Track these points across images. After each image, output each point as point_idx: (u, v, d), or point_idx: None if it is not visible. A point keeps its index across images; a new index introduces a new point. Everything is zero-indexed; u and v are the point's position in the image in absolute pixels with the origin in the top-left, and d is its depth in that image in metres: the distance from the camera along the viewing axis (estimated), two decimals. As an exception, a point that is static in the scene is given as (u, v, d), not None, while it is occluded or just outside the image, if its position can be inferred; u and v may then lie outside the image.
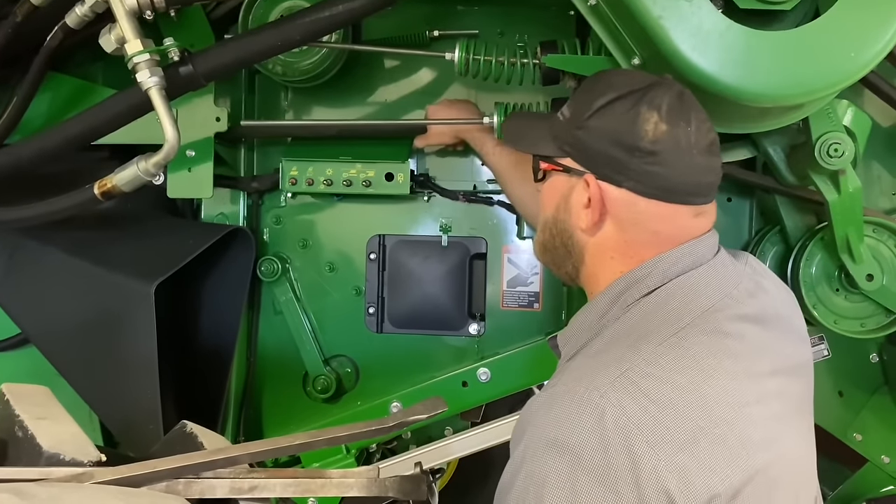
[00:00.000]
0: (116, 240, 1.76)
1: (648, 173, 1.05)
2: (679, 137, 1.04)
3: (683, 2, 1.14)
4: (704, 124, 1.07)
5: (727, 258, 1.14)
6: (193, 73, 1.42)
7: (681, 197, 1.07)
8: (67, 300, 1.71)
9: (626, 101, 1.06)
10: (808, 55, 1.13)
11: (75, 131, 1.45)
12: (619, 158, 1.06)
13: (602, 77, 1.16)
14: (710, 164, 1.07)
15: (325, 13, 1.41)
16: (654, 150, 1.04)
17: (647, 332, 1.02)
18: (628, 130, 1.04)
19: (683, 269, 1.07)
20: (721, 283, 1.09)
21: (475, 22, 1.84)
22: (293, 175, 1.76)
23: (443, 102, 1.76)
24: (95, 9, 1.40)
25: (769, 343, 1.09)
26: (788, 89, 1.14)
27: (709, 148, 1.07)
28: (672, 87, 1.08)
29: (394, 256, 1.89)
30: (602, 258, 1.13)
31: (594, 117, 1.08)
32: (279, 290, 1.89)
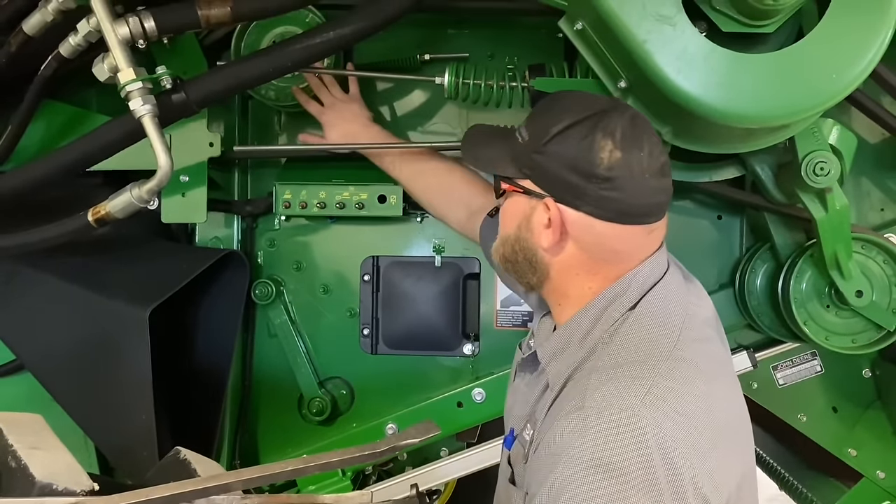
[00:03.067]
0: (111, 265, 1.77)
1: (605, 198, 1.08)
2: (633, 163, 1.07)
3: (667, 26, 1.16)
4: (657, 148, 1.10)
5: (673, 266, 1.20)
6: (186, 101, 1.43)
7: (636, 219, 1.11)
8: (62, 326, 1.71)
9: (582, 128, 1.09)
10: (790, 77, 1.15)
11: (70, 158, 1.46)
12: (577, 184, 1.09)
13: (557, 100, 1.18)
14: (661, 186, 1.11)
15: (316, 40, 1.44)
16: (610, 177, 1.07)
17: (651, 347, 1.07)
18: (584, 157, 1.08)
19: (654, 280, 1.14)
20: (681, 290, 1.17)
21: (465, 45, 1.86)
22: (286, 198, 1.77)
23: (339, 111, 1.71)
24: (89, 38, 1.41)
25: (724, 341, 1.22)
26: (772, 111, 1.16)
27: (661, 170, 1.10)
28: (625, 113, 1.11)
29: (388, 278, 1.90)
30: (568, 275, 1.17)
31: (552, 143, 1.11)
32: (273, 313, 1.90)
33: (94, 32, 1.39)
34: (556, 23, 1.39)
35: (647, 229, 1.13)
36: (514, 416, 1.29)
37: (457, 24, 1.87)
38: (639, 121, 1.11)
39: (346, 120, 1.70)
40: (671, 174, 1.13)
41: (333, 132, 1.70)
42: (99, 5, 1.35)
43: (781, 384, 1.84)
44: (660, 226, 1.15)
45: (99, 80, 1.40)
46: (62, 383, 1.72)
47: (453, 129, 1.88)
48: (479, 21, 1.86)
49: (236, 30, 1.70)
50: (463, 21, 1.87)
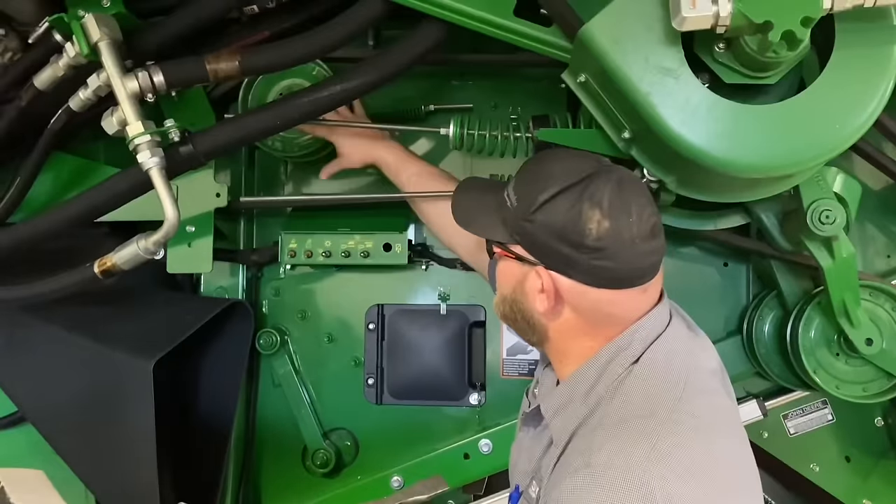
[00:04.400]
0: (115, 315, 1.76)
1: (596, 267, 1.08)
2: (622, 231, 1.07)
3: (670, 79, 1.17)
4: (646, 210, 1.09)
5: (676, 317, 1.20)
6: (193, 153, 1.44)
7: (628, 283, 1.11)
8: (65, 377, 1.70)
9: (569, 197, 1.09)
10: (794, 128, 1.15)
11: (78, 210, 1.47)
12: (567, 254, 1.09)
13: (542, 165, 1.18)
14: (652, 248, 1.10)
15: (324, 93, 1.45)
16: (600, 247, 1.07)
17: (656, 402, 1.06)
18: (573, 228, 1.08)
19: (657, 333, 1.13)
20: (686, 342, 1.16)
21: (469, 96, 1.88)
22: (292, 248, 1.78)
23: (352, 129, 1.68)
24: (98, 92, 1.43)
25: (730, 392, 1.19)
26: (776, 161, 1.16)
27: (651, 232, 1.10)
28: (610, 178, 1.10)
29: (392, 326, 1.89)
30: (567, 337, 1.17)
31: (539, 212, 1.11)
32: (278, 363, 1.89)
33: (103, 87, 1.41)
34: (558, 74, 1.41)
35: (640, 290, 1.12)
36: (519, 472, 1.27)
37: (460, 75, 1.90)
38: (626, 184, 1.10)
39: (357, 132, 1.67)
40: (663, 232, 1.13)
41: (347, 146, 1.66)
42: (109, 61, 1.37)
43: (792, 433, 1.81)
44: (655, 282, 1.14)
45: (108, 133, 1.42)
46: (63, 435, 1.70)
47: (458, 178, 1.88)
48: (482, 73, 1.88)
49: (244, 83, 1.72)
50: (466, 73, 1.89)
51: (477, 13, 1.40)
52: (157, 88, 1.40)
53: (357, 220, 1.81)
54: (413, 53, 1.48)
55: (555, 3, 1.31)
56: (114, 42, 1.39)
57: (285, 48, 1.46)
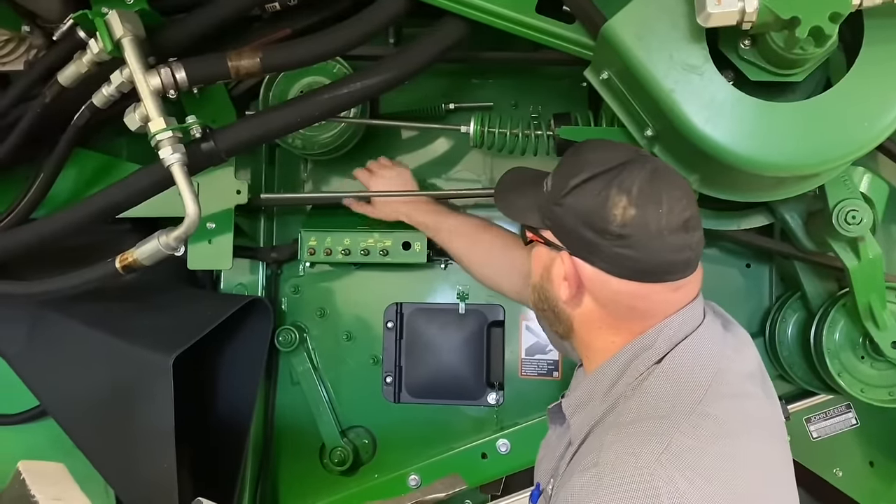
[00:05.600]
0: (135, 311, 1.77)
1: (619, 255, 1.05)
2: (649, 221, 1.04)
3: (694, 76, 1.16)
4: (679, 203, 1.06)
5: (711, 316, 1.15)
6: (215, 149, 1.45)
7: (655, 276, 1.07)
8: (85, 372, 1.71)
9: (599, 182, 1.06)
10: (820, 126, 1.14)
11: (100, 206, 1.47)
12: (591, 240, 1.07)
13: (581, 151, 1.16)
14: (684, 242, 1.06)
15: (343, 90, 1.46)
16: (624, 234, 1.04)
17: (674, 403, 1.02)
18: (598, 213, 1.05)
19: (686, 333, 1.09)
20: (717, 344, 1.11)
21: (490, 94, 1.88)
22: (311, 245, 1.78)
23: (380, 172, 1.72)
24: (121, 89, 1.44)
25: (768, 398, 1.13)
26: (802, 160, 1.15)
27: (684, 226, 1.05)
28: (644, 166, 1.07)
29: (411, 325, 1.89)
30: (590, 329, 1.15)
31: (569, 195, 1.09)
32: (297, 360, 1.89)
33: (126, 83, 1.42)
34: (579, 73, 1.40)
35: (671, 287, 1.08)
36: (542, 470, 1.25)
37: (481, 73, 1.89)
38: (660, 174, 1.07)
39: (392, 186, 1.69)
40: (700, 228, 1.10)
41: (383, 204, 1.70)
42: (132, 57, 1.38)
43: (815, 437, 1.78)
44: (690, 281, 1.10)
45: (130, 129, 1.43)
46: (84, 430, 1.71)
47: (478, 177, 1.89)
48: (502, 71, 1.88)
49: (265, 80, 1.73)
50: (487, 71, 1.89)
51: (499, 10, 1.40)
52: (179, 85, 1.41)
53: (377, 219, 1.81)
54: (434, 51, 1.47)
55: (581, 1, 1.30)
56: (137, 38, 1.39)
57: (306, 45, 1.47)
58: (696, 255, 1.09)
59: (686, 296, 1.11)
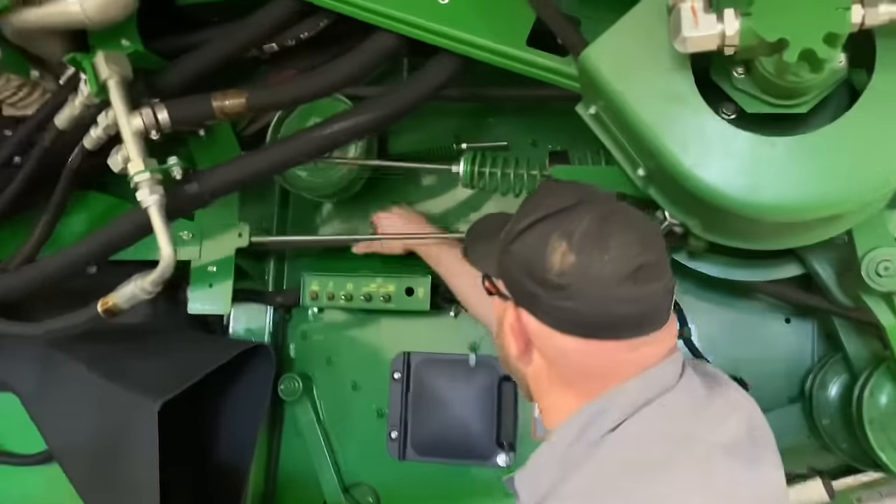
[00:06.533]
0: (136, 355, 1.75)
1: (559, 308, 0.93)
2: (590, 269, 0.91)
3: (679, 107, 1.03)
4: (630, 249, 0.92)
5: (690, 380, 1.00)
6: (199, 192, 1.42)
7: (601, 333, 0.93)
8: (83, 414, 1.69)
9: (545, 225, 0.95)
10: (825, 162, 0.98)
11: (84, 251, 1.47)
12: (532, 290, 0.95)
13: (540, 191, 1.06)
14: (635, 295, 0.92)
15: (332, 129, 1.40)
16: (562, 284, 0.92)
17: (619, 479, 0.89)
18: (538, 261, 0.93)
19: (647, 399, 0.95)
20: (688, 412, 0.96)
21: (506, 133, 1.78)
22: (314, 290, 1.72)
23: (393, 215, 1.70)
24: (108, 131, 1.43)
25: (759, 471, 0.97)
26: (804, 202, 0.99)
27: (633, 276, 0.91)
28: (595, 208, 0.95)
29: (419, 376, 1.78)
30: (542, 389, 1.03)
31: (516, 241, 0.98)
32: (300, 410, 1.82)
33: (112, 125, 1.41)
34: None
35: (625, 346, 0.94)
36: None
37: (497, 112, 1.80)
38: (613, 217, 0.94)
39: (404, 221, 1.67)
40: (663, 278, 0.95)
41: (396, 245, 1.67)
42: (116, 98, 1.37)
43: (868, 520, 1.56)
44: (653, 341, 0.96)
45: (114, 171, 1.41)
46: (80, 474, 1.68)
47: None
48: (519, 109, 1.78)
49: (273, 121, 1.70)
50: (503, 109, 1.80)
51: (489, 44, 1.32)
52: (161, 126, 1.39)
53: (382, 264, 1.74)
54: (426, 88, 1.40)
55: (563, 28, 1.20)
56: (123, 80, 1.38)
57: (293, 85, 1.43)
58: (654, 310, 0.95)
59: (648, 356, 0.97)
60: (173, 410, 1.51)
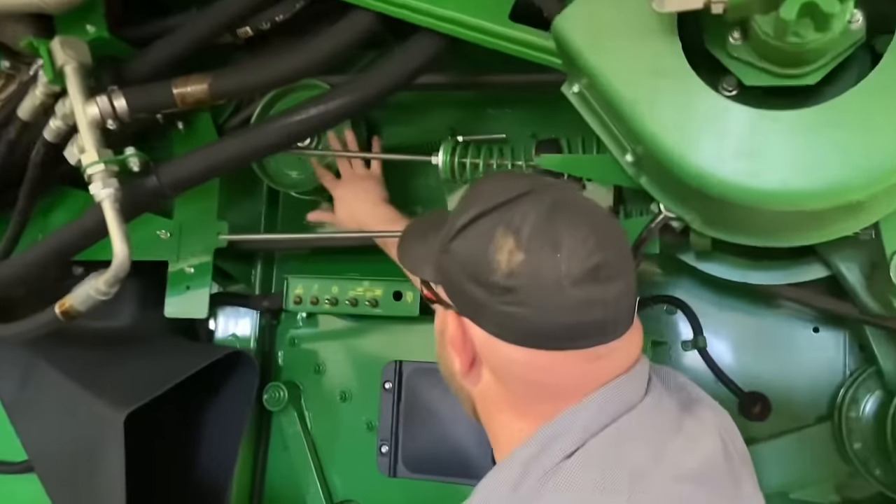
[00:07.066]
0: (116, 360, 1.66)
1: (506, 315, 0.80)
2: (541, 268, 0.78)
3: (665, 80, 0.89)
4: (584, 245, 0.79)
5: (659, 395, 0.86)
6: (158, 185, 1.32)
7: (555, 342, 0.80)
8: (58, 423, 1.62)
9: (487, 221, 0.82)
10: (839, 139, 0.83)
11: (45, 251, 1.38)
12: (476, 295, 0.82)
13: (479, 184, 0.92)
14: (593, 297, 0.78)
15: (296, 118, 1.29)
16: (510, 287, 0.78)
17: None
18: (481, 261, 0.81)
19: (605, 421, 0.81)
20: (655, 434, 0.82)
21: (506, 126, 1.63)
22: (298, 293, 1.61)
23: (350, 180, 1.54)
24: (66, 121, 1.34)
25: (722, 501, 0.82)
26: (812, 188, 0.83)
27: (591, 275, 0.78)
28: (543, 199, 0.82)
29: (411, 386, 1.65)
30: (491, 411, 0.90)
31: (457, 239, 0.85)
32: (286, 421, 1.70)
33: (69, 114, 1.32)
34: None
35: (584, 356, 0.81)
36: None
37: (497, 103, 1.66)
38: (563, 208, 0.82)
39: (357, 197, 1.52)
40: (624, 278, 0.82)
41: (341, 208, 1.54)
42: (73, 86, 1.29)
43: (909, 557, 1.37)
44: (615, 349, 0.82)
45: (70, 163, 1.32)
46: (55, 486, 1.60)
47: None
48: (520, 99, 1.64)
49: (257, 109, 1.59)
50: (503, 100, 1.66)
51: (469, 20, 1.19)
52: (118, 114, 1.29)
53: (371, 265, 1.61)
54: (403, 69, 1.28)
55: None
56: (81, 67, 1.30)
57: (260, 68, 1.32)
58: (615, 315, 0.81)
59: (610, 368, 0.83)
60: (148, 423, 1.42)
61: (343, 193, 1.53)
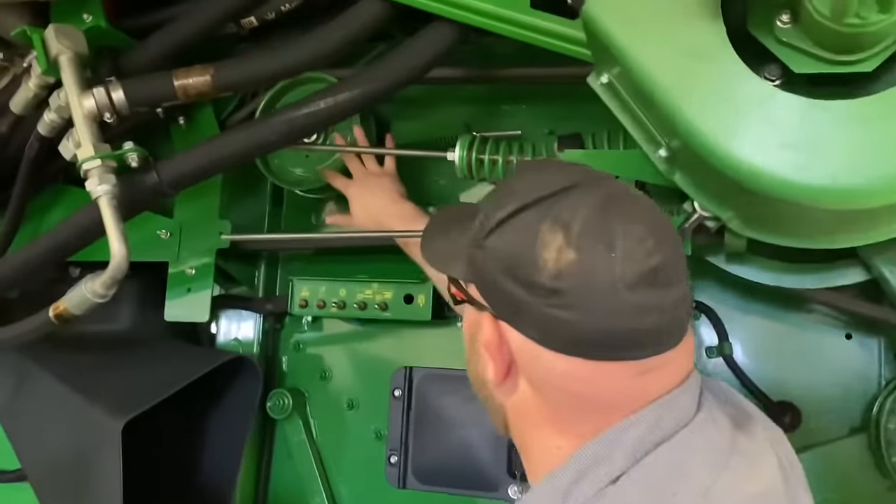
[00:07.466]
0: (108, 365, 1.59)
1: (552, 318, 0.72)
2: (594, 269, 0.70)
3: (705, 65, 0.82)
4: (642, 245, 0.71)
5: (710, 411, 0.78)
6: (158, 183, 1.25)
7: (605, 351, 0.72)
8: (52, 430, 1.54)
9: (531, 214, 0.74)
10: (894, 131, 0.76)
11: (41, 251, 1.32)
12: (517, 295, 0.74)
13: (518, 174, 0.84)
14: (651, 302, 0.71)
15: (302, 111, 1.23)
16: (557, 288, 0.71)
17: None
18: (525, 258, 0.73)
19: (659, 440, 0.73)
20: (713, 455, 0.74)
21: (521, 122, 1.57)
22: (304, 296, 1.54)
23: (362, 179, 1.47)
24: (61, 114, 1.28)
25: None
26: (868, 184, 0.77)
27: (646, 279, 0.70)
28: (593, 192, 0.74)
29: (421, 394, 1.58)
30: (526, 426, 0.81)
31: (493, 234, 0.77)
32: (290, 429, 1.63)
33: (64, 107, 1.26)
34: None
35: (634, 368, 0.73)
36: None
37: (512, 98, 1.59)
38: (617, 202, 0.74)
39: (372, 194, 1.45)
40: (681, 282, 0.74)
41: (357, 207, 1.46)
42: (68, 77, 1.22)
43: (951, 576, 1.30)
44: (666, 361, 0.75)
45: (66, 159, 1.26)
46: (47, 495, 1.53)
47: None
48: (537, 94, 1.57)
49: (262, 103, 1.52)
50: (519, 95, 1.59)
51: (488, 8, 1.13)
52: (116, 107, 1.23)
53: (380, 266, 1.54)
54: (417, 60, 1.22)
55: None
56: (77, 57, 1.24)
57: (266, 59, 1.25)
58: (672, 322, 0.73)
59: (661, 382, 0.76)
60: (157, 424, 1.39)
61: (358, 192, 1.45)
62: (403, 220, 1.37)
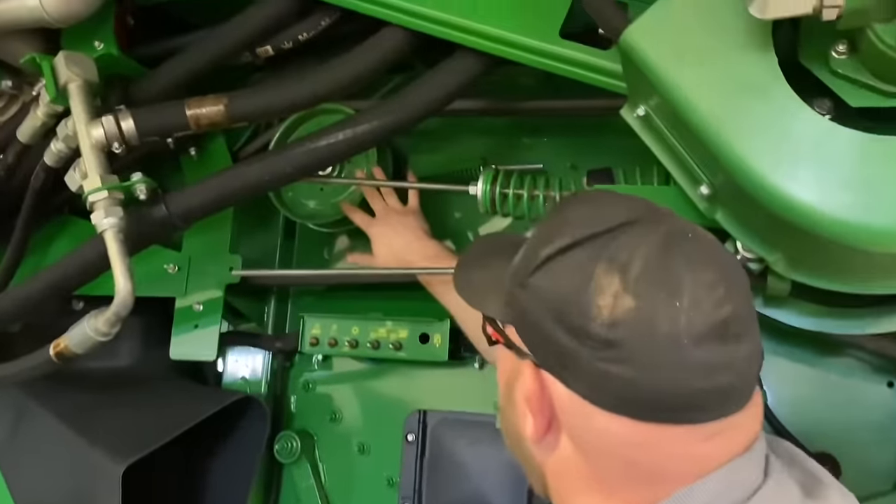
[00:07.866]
0: (115, 403, 1.53)
1: (603, 373, 0.64)
2: (655, 319, 0.62)
3: (756, 100, 0.77)
4: (712, 292, 0.64)
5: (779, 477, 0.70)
6: (167, 216, 1.20)
7: (663, 413, 0.64)
8: (49, 473, 1.48)
9: (583, 252, 0.67)
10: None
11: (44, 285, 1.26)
12: (564, 345, 0.66)
13: (567, 205, 0.78)
14: (720, 359, 0.63)
15: (322, 143, 1.18)
16: (612, 339, 0.63)
17: None
18: (576, 303, 0.65)
19: None
20: None
21: (542, 156, 1.52)
22: (315, 334, 1.48)
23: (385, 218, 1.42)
24: (69, 143, 1.23)
25: None
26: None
27: (716, 332, 0.63)
28: (656, 229, 0.67)
29: (436, 439, 1.50)
30: (568, 491, 0.73)
31: (538, 272, 0.69)
32: (298, 474, 1.55)
33: (72, 137, 1.21)
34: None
35: (699, 433, 0.65)
36: None
37: (533, 131, 1.54)
38: (681, 244, 0.67)
39: (396, 233, 1.39)
40: (752, 335, 0.67)
41: (381, 246, 1.40)
42: (77, 105, 1.18)
43: None
44: (733, 425, 0.67)
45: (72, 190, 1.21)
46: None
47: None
48: (558, 127, 1.53)
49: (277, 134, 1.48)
50: (540, 128, 1.54)
51: (516, 39, 1.08)
52: (126, 137, 1.18)
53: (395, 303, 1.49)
54: (439, 93, 1.17)
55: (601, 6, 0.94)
56: (86, 85, 1.19)
57: (282, 89, 1.21)
58: (742, 383, 0.66)
59: (725, 448, 0.68)
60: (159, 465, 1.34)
61: (381, 230, 1.39)
62: (428, 260, 1.31)
